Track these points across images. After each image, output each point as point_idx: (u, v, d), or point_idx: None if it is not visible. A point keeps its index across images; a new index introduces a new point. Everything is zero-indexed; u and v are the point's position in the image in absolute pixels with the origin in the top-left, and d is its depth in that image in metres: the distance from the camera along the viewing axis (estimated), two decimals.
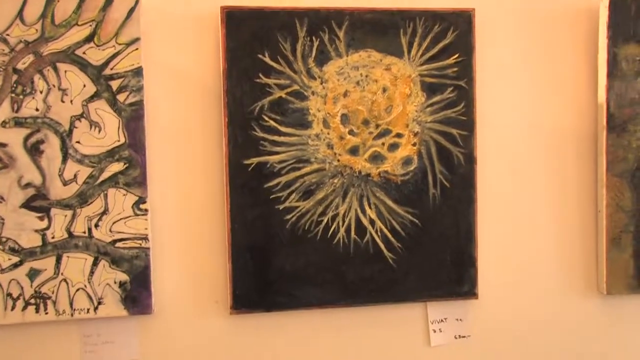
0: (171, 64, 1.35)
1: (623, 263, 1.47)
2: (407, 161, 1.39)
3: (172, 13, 1.34)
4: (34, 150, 1.29)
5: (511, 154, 1.47)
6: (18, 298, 1.29)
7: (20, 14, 1.27)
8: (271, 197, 1.35)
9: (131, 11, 1.30)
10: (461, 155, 1.41)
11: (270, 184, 1.35)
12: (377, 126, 1.38)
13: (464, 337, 1.45)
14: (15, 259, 1.29)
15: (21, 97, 1.28)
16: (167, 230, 1.35)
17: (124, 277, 1.32)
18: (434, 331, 1.44)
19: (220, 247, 1.36)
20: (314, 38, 1.35)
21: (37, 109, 1.29)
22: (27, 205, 1.29)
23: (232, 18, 1.32)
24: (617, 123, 1.45)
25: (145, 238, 1.32)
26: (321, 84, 1.36)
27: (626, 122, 1.45)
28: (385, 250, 1.39)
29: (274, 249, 1.36)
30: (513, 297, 1.48)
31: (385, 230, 1.39)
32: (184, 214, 1.36)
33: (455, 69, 1.40)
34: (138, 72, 1.31)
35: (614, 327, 1.53)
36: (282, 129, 1.35)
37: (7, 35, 1.27)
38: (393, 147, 1.39)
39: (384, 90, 1.38)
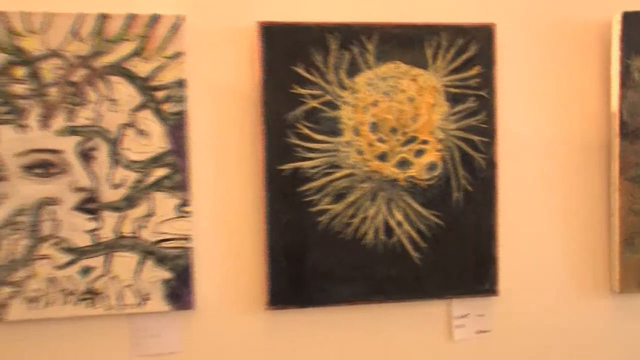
0: (211, 76, 1.44)
1: (635, 263, 1.56)
2: (432, 166, 1.48)
3: (213, 28, 1.44)
4: (86, 157, 1.39)
5: (529, 159, 1.55)
6: (72, 293, 1.39)
7: (74, 31, 1.37)
8: (304, 200, 1.44)
9: (175, 27, 1.40)
10: (483, 161, 1.50)
11: (304, 188, 1.44)
12: (404, 134, 1.47)
13: (485, 332, 1.54)
14: (70, 257, 1.39)
15: (75, 107, 1.38)
16: (207, 231, 1.45)
17: (167, 275, 1.41)
18: (457, 326, 1.53)
19: (257, 247, 1.45)
20: (345, 51, 1.44)
21: (89, 119, 1.38)
22: (80, 207, 1.39)
23: (268, 33, 1.42)
24: (630, 130, 1.53)
25: (187, 238, 1.41)
26: (352, 94, 1.45)
27: (638, 130, 1.53)
28: (411, 250, 1.48)
29: (307, 249, 1.45)
30: (531, 294, 1.56)
31: (411, 232, 1.48)
32: (224, 215, 1.45)
33: (477, 80, 1.49)
34: (181, 83, 1.40)
35: (626, 323, 1.61)
36: (315, 136, 1.44)
37: (63, 50, 1.37)
38: (419, 153, 1.48)
39: (411, 99, 1.47)
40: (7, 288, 1.37)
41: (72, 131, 1.38)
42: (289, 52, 1.43)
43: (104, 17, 1.38)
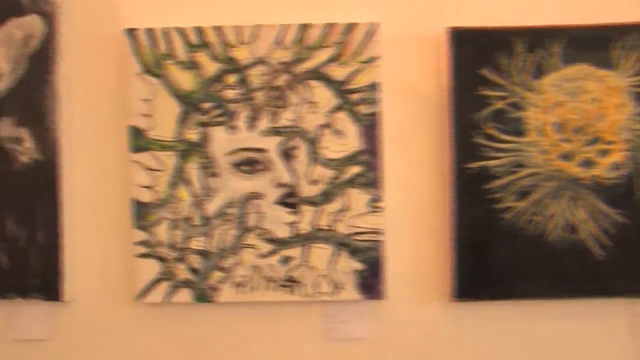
0: (402, 79, 1.53)
1: None
2: (616, 166, 1.50)
3: (404, 34, 1.53)
4: (287, 155, 1.51)
5: None
6: (273, 280, 1.52)
7: (278, 40, 1.50)
8: (489, 197, 1.50)
9: (369, 33, 1.49)
10: None
11: (489, 186, 1.50)
12: (588, 134, 1.50)
13: None
14: (271, 247, 1.52)
15: (278, 110, 1.50)
16: (397, 226, 1.54)
17: (359, 266, 1.51)
18: None
19: (442, 241, 1.53)
20: (530, 54, 1.49)
21: (290, 120, 1.51)
22: (281, 201, 1.51)
23: (456, 37, 1.49)
24: None
25: (378, 232, 1.51)
26: (537, 95, 1.49)
27: None
28: (594, 248, 1.50)
29: (491, 244, 1.51)
30: None
31: (594, 229, 1.50)
32: (412, 211, 1.54)
33: None
34: (374, 86, 1.50)
35: None
36: (501, 136, 1.50)
37: (268, 58, 1.50)
38: (602, 153, 1.50)
39: (595, 100, 1.49)
40: (218, 273, 1.52)
41: (275, 132, 1.51)
42: (475, 55, 1.49)
43: (304, 27, 1.49)
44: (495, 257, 1.51)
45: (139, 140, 1.51)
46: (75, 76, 1.55)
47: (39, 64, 1.54)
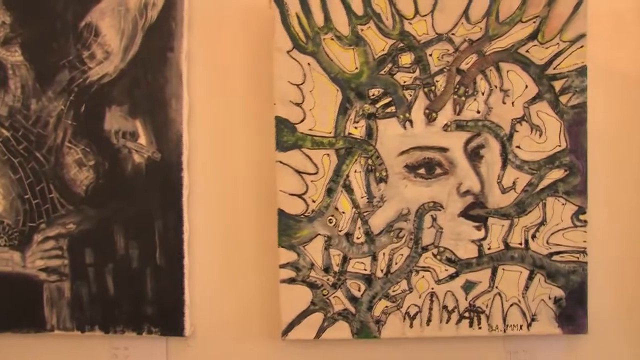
0: (612, 61, 1.25)
1: None
2: None
3: (612, 4, 1.24)
4: (474, 156, 1.21)
5: None
6: (453, 311, 1.23)
7: (465, 13, 1.20)
8: None
9: (578, 5, 1.20)
10: None
11: None
12: None
13: None
14: (452, 270, 1.22)
15: (463, 98, 1.21)
16: (604, 244, 1.25)
17: (559, 292, 1.22)
18: None
19: None
20: None
21: (478, 112, 1.21)
22: (465, 213, 1.22)
23: None
24: None
25: (583, 252, 1.22)
26: None
27: None
28: None
29: None
30: None
31: None
32: (621, 226, 1.25)
33: None
34: (582, 71, 1.20)
35: None
36: None
37: (453, 34, 1.20)
38: None
39: None
40: (385, 302, 1.22)
41: (459, 126, 1.21)
42: None
43: None
44: None
45: (288, 136, 1.21)
46: (203, 54, 1.25)
47: (158, 39, 1.23)
